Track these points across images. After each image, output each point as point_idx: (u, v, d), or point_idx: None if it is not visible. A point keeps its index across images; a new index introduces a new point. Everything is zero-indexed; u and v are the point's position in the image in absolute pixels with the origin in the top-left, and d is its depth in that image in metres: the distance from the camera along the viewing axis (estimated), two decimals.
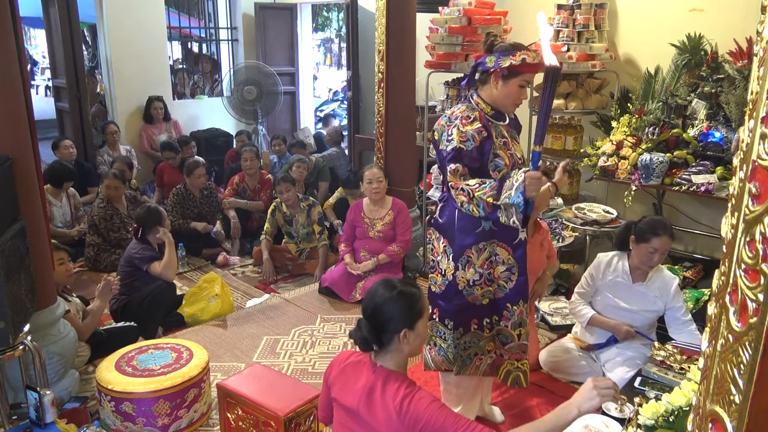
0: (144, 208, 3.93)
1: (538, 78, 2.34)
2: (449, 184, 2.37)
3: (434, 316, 2.60)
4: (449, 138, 2.36)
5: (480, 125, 2.36)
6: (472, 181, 2.30)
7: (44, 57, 14.76)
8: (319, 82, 12.90)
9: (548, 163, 4.90)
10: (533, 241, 3.01)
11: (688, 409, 2.06)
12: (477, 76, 2.48)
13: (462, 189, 2.30)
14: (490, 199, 2.23)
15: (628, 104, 4.31)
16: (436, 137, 2.45)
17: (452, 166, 2.33)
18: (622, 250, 3.05)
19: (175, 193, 5.23)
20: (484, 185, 2.27)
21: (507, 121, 2.53)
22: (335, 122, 8.61)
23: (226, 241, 5.23)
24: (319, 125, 9.08)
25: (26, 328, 2.62)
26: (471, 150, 2.33)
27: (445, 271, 2.52)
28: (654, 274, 2.98)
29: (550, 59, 2.07)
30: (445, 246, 2.52)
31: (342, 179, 5.55)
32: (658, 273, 3.00)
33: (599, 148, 4.23)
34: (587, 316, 3.06)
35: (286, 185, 4.67)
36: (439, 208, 2.58)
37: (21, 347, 2.56)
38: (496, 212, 2.26)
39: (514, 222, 2.25)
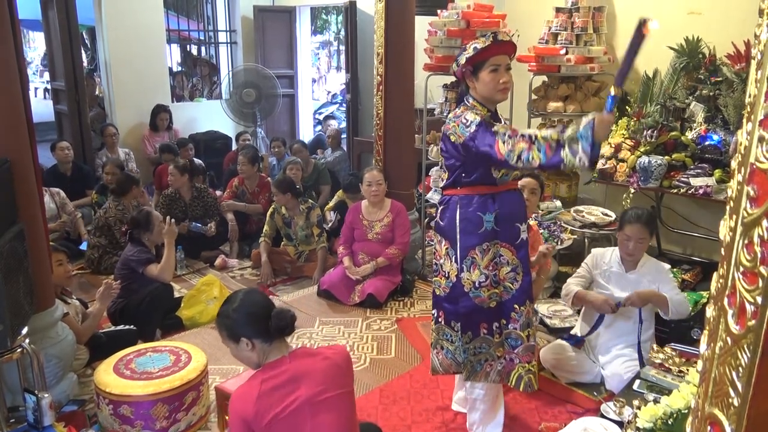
0: (136, 211, 3.98)
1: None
2: (504, 137, 2.23)
3: (440, 320, 2.59)
4: (469, 122, 2.35)
5: (487, 115, 2.43)
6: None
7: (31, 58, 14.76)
8: (326, 86, 12.93)
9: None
10: None
11: (686, 411, 2.06)
12: (463, 86, 2.55)
13: (523, 135, 2.20)
14: (554, 135, 2.12)
15: (627, 107, 4.32)
16: (453, 139, 2.43)
17: (495, 127, 2.30)
18: None
19: (164, 195, 5.25)
20: (546, 129, 2.22)
21: (502, 122, 2.56)
22: (333, 123, 8.59)
23: (206, 231, 5.13)
24: (318, 128, 9.07)
25: (24, 330, 2.61)
26: (493, 125, 2.36)
27: (449, 273, 2.52)
28: (644, 262, 3.07)
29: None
30: (447, 248, 2.52)
31: (344, 184, 5.53)
32: (648, 261, 3.08)
33: None
34: (572, 292, 3.11)
35: (274, 190, 4.70)
36: (439, 210, 2.58)
37: (19, 350, 2.55)
38: (559, 152, 2.09)
39: (580, 159, 2.04)
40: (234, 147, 7.08)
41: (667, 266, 3.14)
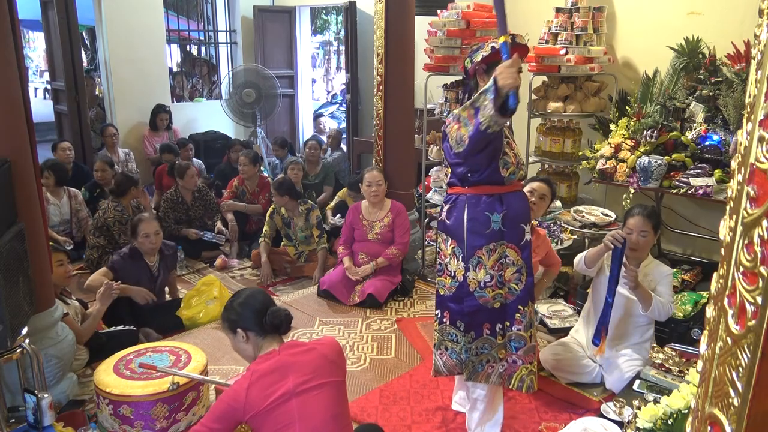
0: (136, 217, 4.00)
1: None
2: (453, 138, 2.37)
3: (444, 320, 2.58)
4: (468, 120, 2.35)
5: None
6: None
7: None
8: (332, 85, 12.95)
9: (546, 166, 4.91)
10: None
11: (686, 412, 2.06)
12: (471, 84, 2.54)
13: (453, 115, 2.37)
14: (468, 104, 2.27)
15: (627, 107, 4.31)
16: (450, 141, 2.43)
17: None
18: None
19: (166, 198, 5.22)
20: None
21: (507, 122, 2.54)
22: (324, 120, 8.56)
23: (225, 243, 5.20)
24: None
25: (24, 330, 2.61)
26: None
27: (455, 272, 2.51)
28: (648, 263, 3.04)
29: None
30: (453, 247, 2.51)
31: (349, 182, 5.52)
32: (651, 263, 3.05)
33: (598, 151, 4.23)
34: (582, 256, 3.12)
35: (273, 191, 4.74)
36: (446, 209, 2.56)
37: (19, 350, 2.55)
38: (477, 116, 2.21)
39: (486, 108, 2.16)
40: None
41: (671, 270, 3.09)
